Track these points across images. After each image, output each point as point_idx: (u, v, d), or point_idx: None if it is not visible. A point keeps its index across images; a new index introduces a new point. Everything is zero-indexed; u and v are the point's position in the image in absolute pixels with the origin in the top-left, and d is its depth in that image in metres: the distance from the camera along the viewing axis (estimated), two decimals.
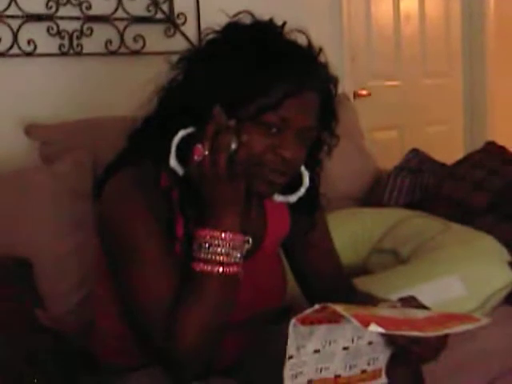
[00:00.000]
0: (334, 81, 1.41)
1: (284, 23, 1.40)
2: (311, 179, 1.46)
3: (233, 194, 1.28)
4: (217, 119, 1.26)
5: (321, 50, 1.40)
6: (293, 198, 1.45)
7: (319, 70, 1.38)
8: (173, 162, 1.30)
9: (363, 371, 1.24)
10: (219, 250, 1.27)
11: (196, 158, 1.26)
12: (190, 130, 1.30)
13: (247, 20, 1.40)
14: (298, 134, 1.33)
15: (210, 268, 1.27)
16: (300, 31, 1.40)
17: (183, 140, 1.30)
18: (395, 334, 1.15)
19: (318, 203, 1.54)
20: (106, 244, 1.39)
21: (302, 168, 1.43)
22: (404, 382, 1.35)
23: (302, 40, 1.40)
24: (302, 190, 1.44)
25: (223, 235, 1.27)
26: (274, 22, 1.40)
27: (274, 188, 1.38)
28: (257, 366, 1.42)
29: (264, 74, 1.29)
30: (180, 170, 1.31)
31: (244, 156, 1.26)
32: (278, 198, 1.44)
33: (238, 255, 1.29)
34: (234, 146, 1.26)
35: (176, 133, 1.30)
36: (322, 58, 1.40)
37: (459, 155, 3.11)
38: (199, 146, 1.26)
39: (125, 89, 2.34)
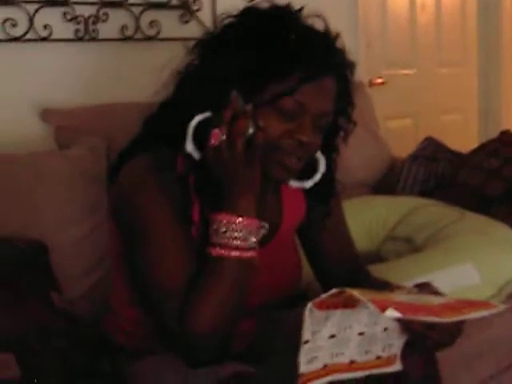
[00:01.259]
0: (351, 66, 1.41)
1: (301, 8, 1.40)
2: (327, 165, 1.46)
3: (249, 178, 1.28)
4: (234, 104, 1.26)
5: (338, 35, 1.39)
6: (308, 184, 1.44)
7: (336, 56, 1.37)
8: (189, 146, 1.30)
9: (378, 357, 1.24)
10: (235, 234, 1.27)
11: (213, 142, 1.26)
12: (206, 114, 1.30)
13: (264, 5, 1.39)
14: (315, 118, 1.33)
15: (226, 252, 1.27)
16: (317, 16, 1.40)
17: (200, 124, 1.30)
18: (412, 320, 1.14)
19: (333, 189, 1.54)
20: (122, 229, 1.40)
21: (318, 154, 1.43)
22: (419, 369, 1.35)
23: (318, 25, 1.40)
24: (318, 176, 1.44)
25: (239, 220, 1.27)
26: (291, 6, 1.39)
27: (290, 173, 1.38)
28: (271, 351, 1.42)
29: (281, 58, 1.29)
30: (196, 155, 1.31)
31: (261, 141, 1.26)
32: (294, 183, 1.44)
33: (254, 240, 1.29)
34: (251, 130, 1.26)
35: (192, 117, 1.30)
36: (339, 44, 1.39)
37: (473, 144, 3.10)
38: (216, 131, 1.26)
39: (140, 74, 2.36)
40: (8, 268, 1.67)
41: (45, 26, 2.31)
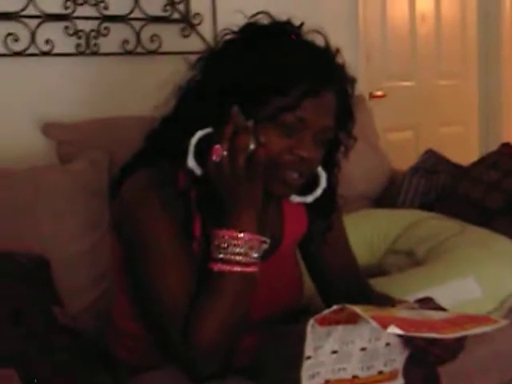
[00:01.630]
0: (352, 81, 1.41)
1: (301, 24, 1.40)
2: (328, 180, 1.46)
3: (251, 194, 1.28)
4: (235, 120, 1.26)
5: (338, 50, 1.40)
6: (309, 199, 1.45)
7: (337, 71, 1.38)
8: (191, 162, 1.30)
9: (380, 372, 1.24)
10: (237, 250, 1.27)
11: (214, 158, 1.26)
12: (208, 130, 1.30)
13: (265, 21, 1.40)
14: (316, 134, 1.33)
15: (228, 268, 1.27)
16: (317, 32, 1.40)
17: (201, 140, 1.30)
18: (414, 336, 1.14)
19: (334, 204, 1.54)
20: (124, 244, 1.40)
21: (319, 169, 1.43)
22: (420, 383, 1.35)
23: (319, 41, 1.40)
24: (319, 191, 1.44)
25: (241, 235, 1.27)
26: (291, 22, 1.40)
27: (291, 189, 1.38)
28: (273, 366, 1.42)
29: (282, 74, 1.29)
30: (198, 171, 1.31)
31: (262, 156, 1.26)
32: (295, 198, 1.44)
33: (256, 255, 1.29)
34: (252, 146, 1.26)
35: (194, 133, 1.30)
36: (339, 59, 1.40)
37: (474, 156, 3.11)
38: (218, 147, 1.26)
39: (141, 88, 2.37)
40: (10, 283, 1.68)
41: (46, 41, 2.32)
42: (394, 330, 1.03)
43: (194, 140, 1.30)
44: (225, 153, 1.26)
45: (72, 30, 2.38)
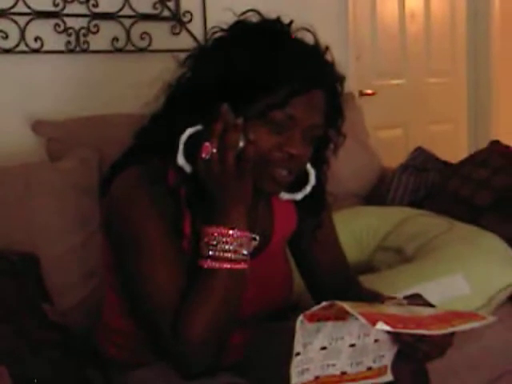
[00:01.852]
0: (341, 79, 1.42)
1: (291, 22, 1.41)
2: (317, 177, 1.47)
3: (240, 191, 1.29)
4: (224, 117, 1.27)
5: (327, 48, 1.40)
6: (299, 196, 1.45)
7: (326, 69, 1.38)
8: (180, 159, 1.31)
9: (369, 368, 1.25)
10: (227, 247, 1.28)
11: (204, 155, 1.27)
12: (197, 127, 1.30)
13: (254, 19, 1.40)
14: (305, 131, 1.34)
15: (217, 265, 1.27)
16: (307, 30, 1.41)
17: (191, 138, 1.30)
18: (402, 333, 1.15)
19: (324, 202, 1.54)
20: (113, 241, 1.40)
21: (308, 166, 1.44)
22: (409, 380, 1.36)
23: (308, 39, 1.41)
24: (308, 188, 1.45)
25: (231, 232, 1.28)
26: (281, 20, 1.41)
27: (281, 186, 1.39)
28: (262, 362, 1.42)
29: (271, 72, 1.30)
30: (188, 168, 1.31)
31: (252, 154, 1.26)
32: (285, 195, 1.44)
33: (245, 252, 1.30)
34: (241, 143, 1.26)
35: (183, 130, 1.30)
36: (328, 57, 1.40)
37: (463, 154, 3.12)
38: (207, 144, 1.26)
39: (131, 86, 2.35)
40: (0, 280, 1.67)
41: (36, 38, 2.32)
42: (382, 326, 1.04)
43: (183, 137, 1.30)
44: (214, 150, 1.26)
45: (62, 28, 2.37)
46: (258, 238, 1.44)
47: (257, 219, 1.46)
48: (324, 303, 1.11)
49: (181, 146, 1.30)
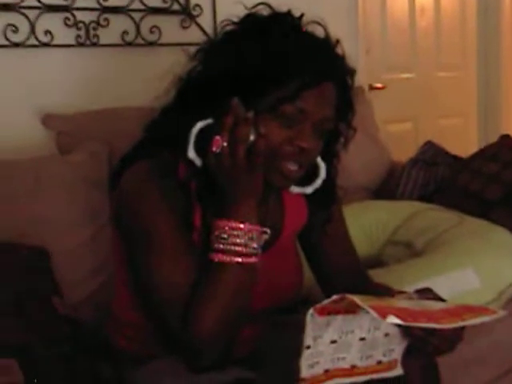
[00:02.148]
0: (351, 72, 1.41)
1: (302, 15, 1.40)
2: (328, 171, 1.46)
3: (251, 185, 1.28)
4: (235, 111, 1.27)
5: (338, 41, 1.40)
6: (309, 190, 1.45)
7: (337, 62, 1.38)
8: (191, 153, 1.30)
9: (379, 362, 1.25)
10: (238, 240, 1.27)
11: (214, 149, 1.26)
12: (208, 121, 1.30)
13: (265, 12, 1.40)
14: (316, 125, 1.34)
15: (228, 259, 1.27)
16: (317, 23, 1.41)
17: (201, 131, 1.30)
18: (412, 326, 1.15)
19: (334, 195, 1.54)
20: (123, 235, 1.40)
21: (319, 159, 1.44)
22: (419, 374, 1.36)
23: (318, 32, 1.40)
24: (319, 182, 1.45)
25: (242, 226, 1.28)
26: (292, 13, 1.40)
27: (290, 180, 1.39)
28: (272, 356, 1.42)
29: (282, 65, 1.29)
30: (198, 161, 1.31)
31: (262, 147, 1.26)
32: (295, 189, 1.44)
33: (256, 246, 1.29)
34: (252, 137, 1.26)
35: (194, 124, 1.30)
36: (339, 50, 1.40)
37: (473, 148, 3.11)
38: (218, 138, 1.26)
39: (141, 80, 2.35)
40: (10, 274, 1.68)
41: (46, 32, 2.32)
42: (392, 319, 1.04)
43: (194, 131, 1.30)
44: (225, 144, 1.26)
45: (72, 21, 2.38)
46: (268, 231, 1.44)
47: (267, 213, 1.46)
48: (334, 297, 1.11)
49: (191, 140, 1.30)
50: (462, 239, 2.19)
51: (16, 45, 2.27)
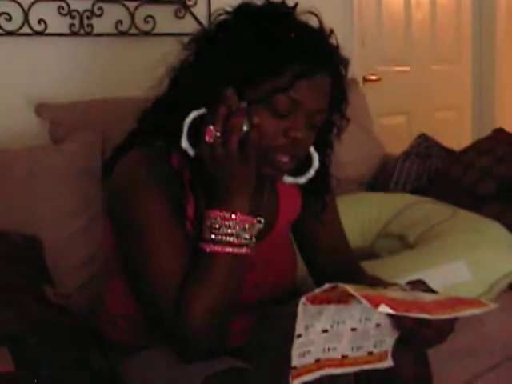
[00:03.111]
0: (345, 63, 1.41)
1: (295, 5, 1.40)
2: (321, 161, 1.46)
3: (244, 175, 1.28)
4: (229, 101, 1.27)
5: (332, 31, 1.40)
6: (302, 180, 1.45)
7: (330, 52, 1.38)
8: (184, 142, 1.30)
9: (370, 353, 1.25)
10: (229, 231, 1.28)
11: (208, 139, 1.26)
12: (201, 111, 1.30)
13: (259, 2, 1.40)
14: (309, 116, 1.34)
15: (219, 249, 1.28)
16: (312, 13, 1.40)
17: (195, 121, 1.30)
18: (404, 316, 1.15)
19: (328, 185, 1.54)
20: (116, 223, 1.40)
21: (312, 150, 1.44)
22: (410, 365, 1.36)
23: (313, 22, 1.40)
24: (312, 172, 1.45)
25: (233, 216, 1.28)
26: (285, 3, 1.40)
27: (282, 172, 1.39)
28: (265, 347, 1.42)
29: (276, 55, 1.29)
30: (191, 151, 1.31)
31: (256, 138, 1.26)
32: (288, 179, 1.44)
33: (248, 236, 1.30)
34: (245, 127, 1.26)
35: (187, 114, 1.30)
36: (333, 40, 1.39)
37: (467, 141, 3.12)
38: (211, 128, 1.26)
39: (135, 69, 2.36)
40: (2, 262, 1.68)
41: (39, 21, 2.31)
42: (384, 308, 1.04)
43: (187, 121, 1.30)
44: (218, 134, 1.26)
45: (66, 10, 2.36)
46: (262, 220, 1.44)
47: (261, 203, 1.46)
48: (327, 285, 1.11)
49: (185, 129, 1.30)
50: (455, 232, 2.19)
51: (9, 33, 2.26)
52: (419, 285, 1.37)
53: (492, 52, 4.41)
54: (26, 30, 2.29)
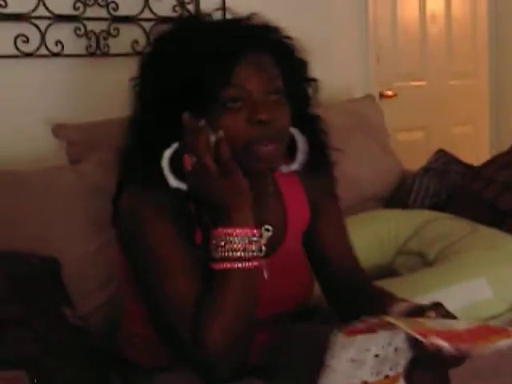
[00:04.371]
0: (278, 31, 1.40)
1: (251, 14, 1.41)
2: (311, 140, 1.44)
3: (234, 188, 1.28)
4: (189, 125, 1.28)
5: (254, 13, 1.40)
6: (294, 166, 1.43)
7: (252, 32, 1.38)
8: (172, 181, 1.31)
9: (386, 376, 1.23)
10: (235, 246, 1.26)
11: (188, 167, 1.27)
12: (174, 146, 1.31)
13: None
14: (264, 93, 1.32)
15: (228, 265, 1.26)
16: (254, 14, 1.41)
17: (174, 157, 1.31)
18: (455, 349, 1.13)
19: (329, 157, 1.52)
20: (127, 251, 1.41)
21: (296, 132, 1.41)
22: None
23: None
24: (300, 156, 1.43)
25: (237, 231, 1.27)
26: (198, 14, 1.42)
27: (271, 162, 1.36)
28: (288, 367, 1.41)
29: (196, 70, 1.31)
30: (183, 186, 1.31)
31: (225, 146, 1.27)
32: (283, 168, 1.43)
33: (255, 248, 1.28)
34: (213, 138, 1.27)
35: (161, 155, 1.31)
36: (254, 21, 1.40)
37: (485, 156, 3.10)
38: (186, 156, 1.28)
39: None
40: (21, 284, 1.68)
41: (56, 42, 2.33)
42: (436, 342, 1.03)
43: (165, 161, 1.31)
44: (194, 159, 1.27)
45: (82, 31, 2.38)
46: (271, 228, 1.43)
47: (267, 211, 1.45)
48: (368, 318, 1.10)
49: (166, 170, 1.31)
50: (475, 249, 2.17)
51: (27, 55, 2.28)
52: (439, 308, 1.34)
53: (509, 65, 4.39)
54: (43, 51, 2.31)
